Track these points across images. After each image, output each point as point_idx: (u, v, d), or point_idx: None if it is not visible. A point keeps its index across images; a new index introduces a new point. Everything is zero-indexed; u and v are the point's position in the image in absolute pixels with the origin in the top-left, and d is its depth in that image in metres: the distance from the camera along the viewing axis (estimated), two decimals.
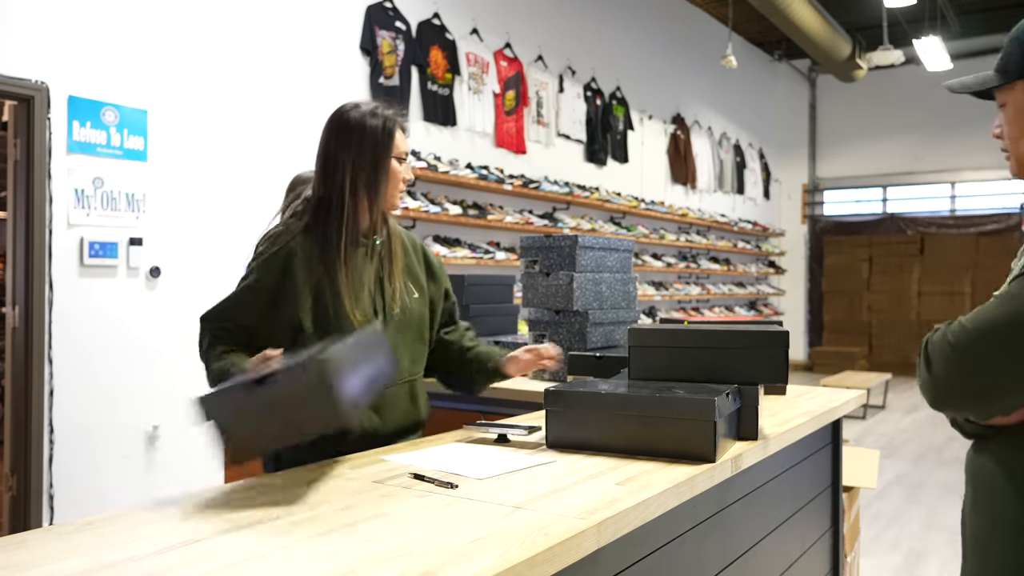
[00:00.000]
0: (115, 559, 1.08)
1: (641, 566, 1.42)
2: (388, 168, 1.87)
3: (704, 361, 1.85)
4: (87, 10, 4.08)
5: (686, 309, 9.67)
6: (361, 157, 1.85)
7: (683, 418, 1.61)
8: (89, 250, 4.03)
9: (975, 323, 1.14)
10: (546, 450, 1.73)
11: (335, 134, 1.88)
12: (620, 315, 2.99)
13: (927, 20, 9.87)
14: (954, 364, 1.14)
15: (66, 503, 3.95)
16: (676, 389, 1.71)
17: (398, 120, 1.90)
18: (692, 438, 1.60)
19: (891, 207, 12.65)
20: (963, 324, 1.16)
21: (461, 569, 1.03)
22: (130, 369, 4.20)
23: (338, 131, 1.88)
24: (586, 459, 1.64)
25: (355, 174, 1.85)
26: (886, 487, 5.43)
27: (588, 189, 7.62)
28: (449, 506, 1.31)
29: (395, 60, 5.74)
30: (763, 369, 1.82)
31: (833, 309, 12.66)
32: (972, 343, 1.13)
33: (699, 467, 1.55)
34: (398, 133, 1.89)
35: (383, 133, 1.86)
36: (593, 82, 8.06)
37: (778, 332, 1.83)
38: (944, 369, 1.15)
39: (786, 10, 8.43)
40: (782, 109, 12.94)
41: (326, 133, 1.90)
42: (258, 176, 4.82)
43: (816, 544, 2.38)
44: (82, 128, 4.02)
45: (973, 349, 1.12)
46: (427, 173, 5.65)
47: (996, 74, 1.28)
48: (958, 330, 1.15)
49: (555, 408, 1.74)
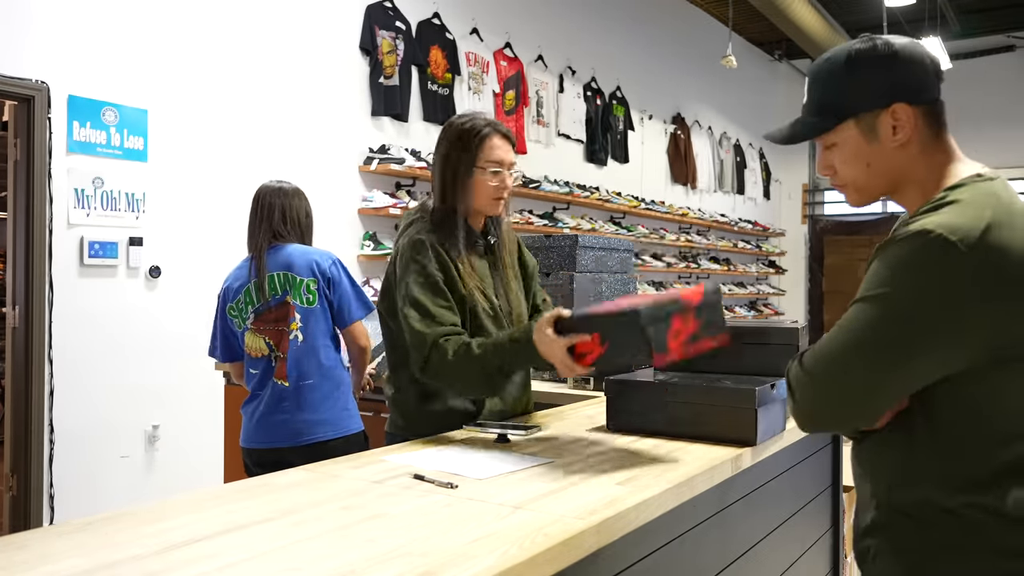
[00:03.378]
0: (115, 559, 1.08)
1: (641, 566, 1.42)
2: (471, 176, 1.97)
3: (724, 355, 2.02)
4: (87, 10, 4.08)
5: None
6: (449, 166, 1.98)
7: (727, 405, 1.78)
8: (89, 250, 4.03)
9: (821, 353, 1.22)
10: (546, 451, 1.73)
11: (438, 145, 2.04)
12: None
13: (927, 20, 9.87)
14: (810, 392, 1.22)
15: (66, 503, 3.96)
16: (724, 380, 1.88)
17: (490, 130, 1.98)
18: (735, 423, 1.76)
19: (891, 207, 12.63)
20: (812, 354, 1.24)
21: (461, 569, 1.03)
22: (130, 369, 4.20)
23: (439, 142, 2.03)
24: (585, 461, 1.64)
25: (446, 181, 1.99)
26: None
27: (588, 189, 7.62)
28: (449, 506, 1.31)
29: (395, 60, 5.74)
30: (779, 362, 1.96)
31: (833, 309, 12.65)
32: (822, 372, 1.21)
33: (699, 468, 1.55)
34: (490, 142, 1.98)
35: (469, 142, 1.97)
36: (593, 82, 8.06)
37: (792, 328, 2.04)
38: (802, 397, 1.24)
39: (786, 10, 8.43)
40: (782, 109, 12.92)
41: (437, 144, 2.04)
42: (258, 176, 4.79)
43: (816, 544, 2.38)
44: (82, 128, 4.02)
45: (822, 377, 1.21)
46: (427, 173, 5.64)
47: (821, 118, 1.31)
48: (809, 360, 1.23)
49: (613, 395, 1.93)
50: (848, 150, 1.30)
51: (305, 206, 2.88)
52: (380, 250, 5.33)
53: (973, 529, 1.18)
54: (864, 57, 1.28)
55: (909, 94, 1.26)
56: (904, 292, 1.15)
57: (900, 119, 1.26)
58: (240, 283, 2.75)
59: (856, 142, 1.29)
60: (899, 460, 1.25)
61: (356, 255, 5.30)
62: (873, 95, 1.27)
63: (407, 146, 5.73)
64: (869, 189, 1.32)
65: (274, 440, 2.60)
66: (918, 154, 1.28)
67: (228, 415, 3.44)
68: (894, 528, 1.26)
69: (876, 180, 1.31)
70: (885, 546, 1.28)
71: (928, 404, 1.21)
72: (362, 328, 2.71)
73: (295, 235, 2.79)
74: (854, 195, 1.34)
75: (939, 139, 1.29)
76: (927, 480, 1.22)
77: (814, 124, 1.32)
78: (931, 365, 1.17)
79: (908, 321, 1.15)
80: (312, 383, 2.61)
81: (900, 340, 1.16)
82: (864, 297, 1.20)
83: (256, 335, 2.68)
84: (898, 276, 1.17)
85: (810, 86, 1.35)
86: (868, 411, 1.22)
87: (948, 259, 1.12)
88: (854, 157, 1.30)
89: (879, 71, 1.27)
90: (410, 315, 1.89)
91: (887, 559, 1.27)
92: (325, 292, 2.66)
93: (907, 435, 1.24)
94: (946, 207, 1.19)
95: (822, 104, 1.32)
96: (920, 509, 1.22)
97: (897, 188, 1.31)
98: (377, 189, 5.50)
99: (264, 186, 2.85)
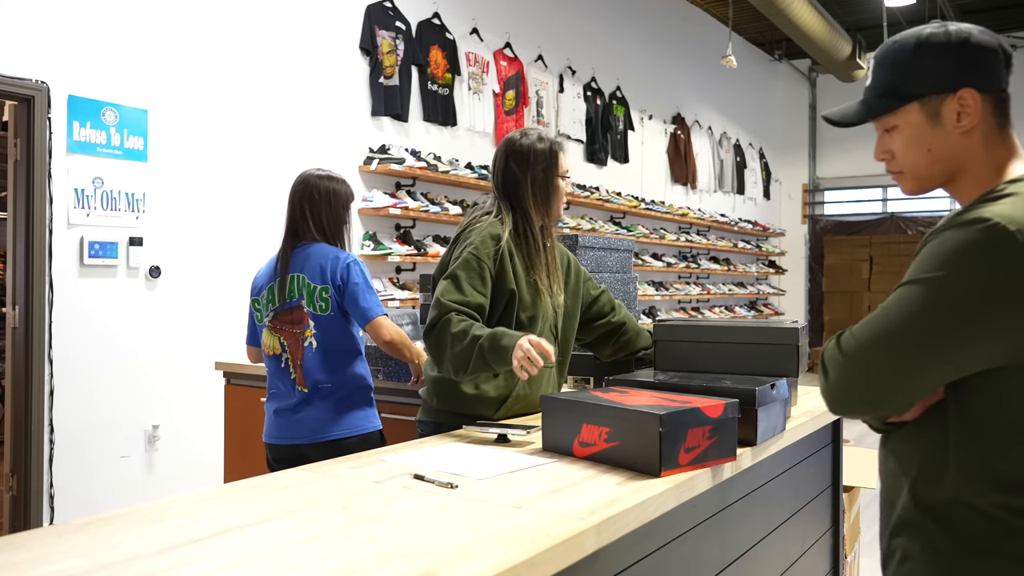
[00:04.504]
0: (115, 559, 1.08)
1: (641, 566, 1.42)
2: (556, 184, 2.24)
3: (724, 355, 2.08)
4: (87, 10, 4.08)
5: (686, 309, 9.68)
6: (534, 176, 2.22)
7: None
8: (89, 250, 4.03)
9: (861, 333, 1.20)
10: (545, 451, 1.73)
11: (512, 157, 2.25)
12: None
13: (927, 20, 9.84)
14: (845, 373, 1.21)
15: (66, 503, 3.96)
16: (724, 380, 1.87)
17: (560, 144, 2.28)
18: None
19: (891, 207, 12.65)
20: (852, 334, 1.22)
21: (461, 569, 1.03)
22: (130, 369, 4.20)
23: (514, 156, 2.25)
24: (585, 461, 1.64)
25: (533, 190, 2.22)
26: None
27: (588, 189, 7.62)
28: (449, 506, 1.31)
29: (395, 60, 5.74)
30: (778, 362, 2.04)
31: (833, 309, 12.65)
32: (858, 353, 1.19)
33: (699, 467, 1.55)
34: (561, 155, 2.27)
35: (551, 155, 2.24)
36: (593, 82, 8.06)
37: (792, 328, 2.04)
38: (837, 377, 1.22)
39: (786, 10, 8.43)
40: (782, 109, 12.94)
41: (503, 159, 2.26)
42: (258, 176, 4.82)
43: (816, 544, 2.38)
44: (82, 128, 4.02)
45: (860, 358, 1.19)
46: (427, 173, 5.65)
47: (884, 99, 1.29)
48: (847, 340, 1.22)
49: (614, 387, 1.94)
50: (910, 133, 1.27)
51: (335, 201, 2.74)
52: (380, 250, 5.33)
53: (1006, 533, 1.14)
54: (934, 41, 1.25)
55: (978, 80, 1.23)
56: (957, 277, 1.13)
57: (966, 105, 1.23)
58: (266, 280, 2.71)
59: (919, 125, 1.26)
60: (929, 455, 1.22)
61: (356, 255, 5.29)
62: (940, 79, 1.24)
63: (407, 146, 5.73)
64: (927, 176, 1.29)
65: (293, 437, 2.60)
66: (980, 144, 1.25)
67: (228, 415, 3.44)
68: (922, 528, 1.23)
69: (935, 167, 1.28)
70: (912, 547, 1.24)
71: (963, 398, 1.18)
72: (384, 322, 2.61)
73: (320, 234, 2.70)
74: (910, 182, 1.31)
75: (1003, 132, 1.26)
76: (958, 478, 1.18)
77: (877, 104, 1.30)
78: (972, 355, 1.14)
79: (957, 306, 1.12)
80: (330, 387, 2.59)
81: (945, 324, 1.13)
82: (913, 280, 1.17)
83: (272, 333, 2.66)
84: (952, 261, 1.14)
85: (875, 69, 1.32)
86: (901, 397, 1.19)
87: (1006, 249, 1.10)
88: (916, 141, 1.27)
89: (949, 55, 1.24)
90: (442, 285, 2.10)
91: (914, 562, 1.24)
92: (337, 300, 2.60)
93: (938, 430, 1.21)
94: (1006, 198, 1.16)
95: (887, 86, 1.29)
96: (950, 509, 1.19)
97: (954, 178, 1.28)
98: (377, 189, 5.51)
99: (299, 176, 2.78)
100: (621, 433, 1.57)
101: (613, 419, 1.59)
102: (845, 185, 12.92)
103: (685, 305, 9.73)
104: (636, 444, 1.53)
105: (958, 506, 1.18)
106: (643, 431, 1.52)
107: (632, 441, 1.54)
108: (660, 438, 1.48)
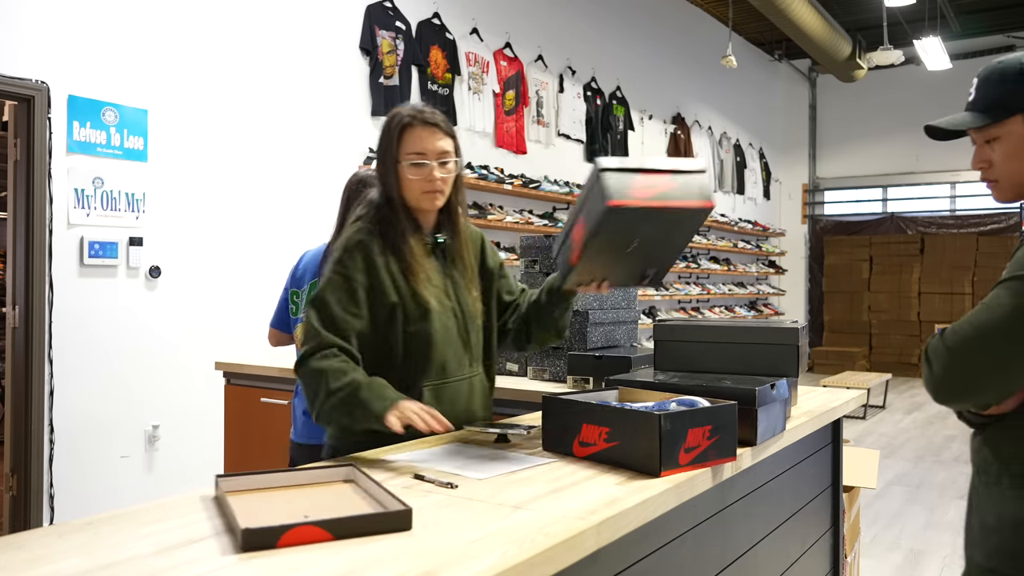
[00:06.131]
0: (115, 559, 1.08)
1: (641, 566, 1.42)
2: (396, 169, 1.87)
3: (724, 355, 2.07)
4: (87, 10, 4.08)
5: (686, 309, 9.68)
6: (380, 159, 1.92)
7: None
8: (89, 250, 4.03)
9: (963, 328, 1.31)
10: (545, 451, 1.73)
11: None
12: (620, 315, 2.99)
13: (927, 20, 9.87)
14: (949, 365, 1.31)
15: (66, 503, 3.96)
16: (724, 380, 1.87)
17: (410, 119, 1.86)
18: None
19: (891, 207, 12.65)
20: (955, 329, 1.32)
21: (461, 569, 1.03)
22: (130, 369, 4.20)
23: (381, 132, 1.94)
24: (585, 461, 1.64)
25: (380, 175, 1.92)
26: (886, 487, 5.43)
27: None
28: (449, 506, 1.31)
29: (395, 60, 5.74)
30: (778, 362, 2.04)
31: (833, 309, 12.65)
32: (963, 346, 1.29)
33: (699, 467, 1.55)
34: (414, 132, 1.86)
35: (392, 132, 1.88)
36: (593, 82, 8.05)
37: (792, 328, 2.04)
38: (942, 369, 1.32)
39: (786, 10, 8.43)
40: (782, 109, 12.94)
41: None
42: (258, 176, 4.82)
43: (816, 544, 2.38)
44: (82, 128, 4.02)
45: (964, 351, 1.29)
46: None
47: (989, 111, 1.40)
48: (951, 334, 1.32)
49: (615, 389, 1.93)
50: (1012, 144, 1.38)
51: None
52: None
53: None
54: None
55: None
56: None
57: None
58: (312, 274, 2.69)
59: (1020, 136, 1.37)
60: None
61: None
62: None
63: None
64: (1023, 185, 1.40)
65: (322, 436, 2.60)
66: None
67: (228, 415, 3.44)
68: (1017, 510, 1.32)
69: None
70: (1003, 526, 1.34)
71: None
72: None
73: None
74: (1007, 190, 1.42)
75: None
76: None
77: (982, 116, 1.40)
78: None
79: None
80: None
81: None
82: (1013, 277, 1.28)
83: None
84: None
85: (979, 86, 1.43)
86: (1001, 386, 1.29)
87: None
88: (1016, 151, 1.38)
89: None
90: (312, 314, 1.80)
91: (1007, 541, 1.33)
92: None
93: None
94: None
95: (991, 100, 1.40)
96: None
97: None
98: None
99: (354, 175, 2.69)
100: (621, 433, 1.57)
101: (613, 419, 1.59)
102: (845, 185, 12.91)
103: (685, 305, 9.73)
104: (636, 444, 1.53)
105: None
106: (643, 431, 1.52)
107: (632, 441, 1.54)
108: (660, 438, 1.48)
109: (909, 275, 12.02)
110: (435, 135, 1.88)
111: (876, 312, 12.22)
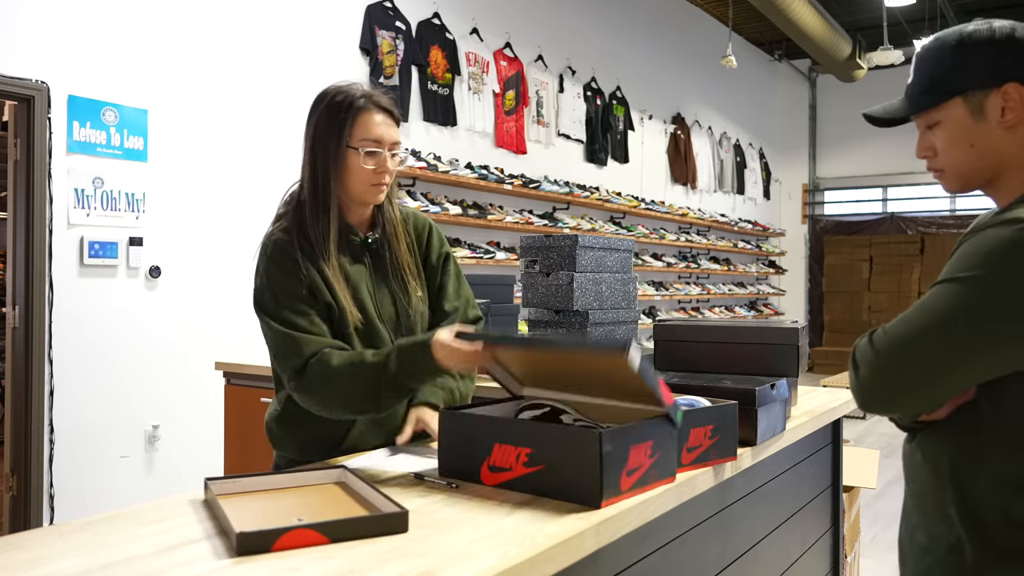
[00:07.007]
0: (115, 559, 1.08)
1: (641, 566, 1.42)
2: (342, 158, 1.67)
3: (724, 355, 2.07)
4: (87, 10, 4.08)
5: (686, 309, 9.68)
6: (318, 145, 1.68)
7: None
8: (89, 250, 4.03)
9: (894, 330, 1.19)
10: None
11: (308, 119, 1.71)
12: (620, 315, 2.99)
13: (927, 20, 9.88)
14: (876, 369, 1.19)
15: (66, 503, 3.96)
16: (724, 380, 1.87)
17: (365, 102, 1.68)
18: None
19: (891, 207, 12.65)
20: (885, 331, 1.21)
21: (461, 569, 1.03)
22: (130, 369, 4.20)
23: (310, 115, 1.71)
24: None
25: (315, 165, 1.68)
26: (886, 487, 5.43)
27: (588, 189, 7.62)
28: (449, 506, 1.31)
29: (395, 60, 5.74)
30: (778, 362, 2.04)
31: (833, 309, 12.65)
32: (891, 350, 1.18)
33: (699, 467, 1.55)
34: (369, 117, 1.67)
35: (341, 114, 1.66)
36: (593, 82, 8.05)
37: (792, 328, 2.04)
38: (868, 374, 1.20)
39: (786, 10, 8.43)
40: (782, 109, 12.94)
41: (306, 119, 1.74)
42: (258, 176, 4.82)
43: (816, 544, 2.38)
44: (82, 128, 4.02)
45: (891, 355, 1.18)
46: (427, 173, 5.65)
47: (927, 95, 1.28)
48: (880, 337, 1.21)
49: None
50: (952, 129, 1.26)
51: None
52: None
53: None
54: (978, 37, 1.24)
55: (1023, 75, 1.21)
56: (996, 276, 1.12)
57: (1011, 99, 1.21)
58: None
59: (962, 120, 1.25)
60: (959, 456, 1.21)
61: None
62: (984, 73, 1.22)
63: (407, 146, 5.73)
64: (968, 173, 1.28)
65: None
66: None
67: (228, 415, 3.44)
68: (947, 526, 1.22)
69: (977, 163, 1.26)
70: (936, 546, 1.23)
71: (998, 400, 1.17)
72: None
73: None
74: (952, 180, 1.30)
75: None
76: (989, 480, 1.17)
77: (921, 100, 1.28)
78: (1007, 356, 1.13)
79: (994, 305, 1.11)
80: None
81: (980, 322, 1.12)
82: (950, 278, 1.16)
83: None
84: (990, 260, 1.13)
85: (917, 66, 1.30)
86: (932, 394, 1.18)
87: None
88: (958, 136, 1.25)
89: (993, 50, 1.23)
90: (275, 324, 1.62)
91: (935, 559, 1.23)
92: None
93: (970, 430, 1.20)
94: None
95: (930, 81, 1.27)
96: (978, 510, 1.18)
97: (997, 175, 1.26)
98: None
99: None
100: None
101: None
102: (845, 185, 12.92)
103: (685, 305, 9.73)
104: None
105: (987, 508, 1.17)
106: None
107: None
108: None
109: (909, 275, 12.02)
110: (388, 122, 1.71)
111: (876, 312, 12.22)
